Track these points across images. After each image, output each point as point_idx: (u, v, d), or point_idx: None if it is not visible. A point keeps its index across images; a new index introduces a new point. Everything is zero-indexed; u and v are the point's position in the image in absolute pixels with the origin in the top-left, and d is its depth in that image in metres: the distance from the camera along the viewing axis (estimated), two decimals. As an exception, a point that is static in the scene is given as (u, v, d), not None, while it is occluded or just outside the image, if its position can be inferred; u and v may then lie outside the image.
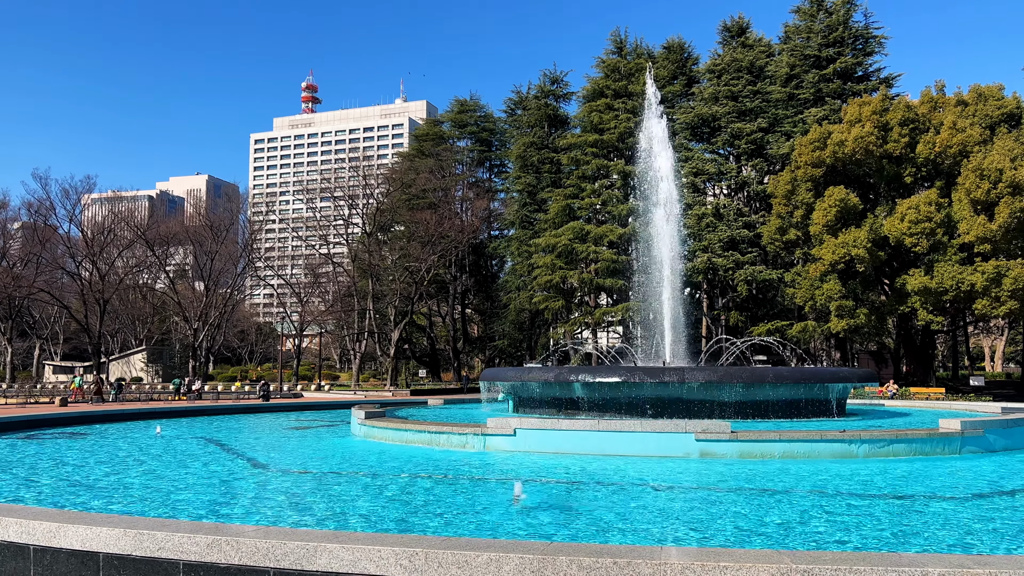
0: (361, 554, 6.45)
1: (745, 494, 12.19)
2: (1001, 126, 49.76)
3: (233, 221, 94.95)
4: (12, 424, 25.74)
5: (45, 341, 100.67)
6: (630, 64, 68.86)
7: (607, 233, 63.40)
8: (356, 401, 38.19)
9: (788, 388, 22.36)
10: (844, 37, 61.10)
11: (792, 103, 62.20)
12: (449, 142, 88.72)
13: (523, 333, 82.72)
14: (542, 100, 76.95)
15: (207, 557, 6.82)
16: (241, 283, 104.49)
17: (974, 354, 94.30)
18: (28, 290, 78.78)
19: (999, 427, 18.72)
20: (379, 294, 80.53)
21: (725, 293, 64.73)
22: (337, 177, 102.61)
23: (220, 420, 30.15)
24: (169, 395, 55.16)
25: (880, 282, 53.43)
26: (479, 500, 11.59)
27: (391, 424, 20.81)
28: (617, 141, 65.84)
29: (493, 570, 6.18)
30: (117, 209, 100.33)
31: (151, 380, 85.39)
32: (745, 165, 64.26)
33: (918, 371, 54.94)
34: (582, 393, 22.46)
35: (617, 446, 16.78)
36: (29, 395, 51.09)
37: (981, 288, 44.44)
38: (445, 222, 75.10)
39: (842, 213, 48.90)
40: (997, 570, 5.66)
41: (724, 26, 68.76)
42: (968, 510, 10.96)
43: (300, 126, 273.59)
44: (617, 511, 10.65)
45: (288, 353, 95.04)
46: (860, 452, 16.61)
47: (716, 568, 5.88)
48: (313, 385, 73.77)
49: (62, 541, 7.37)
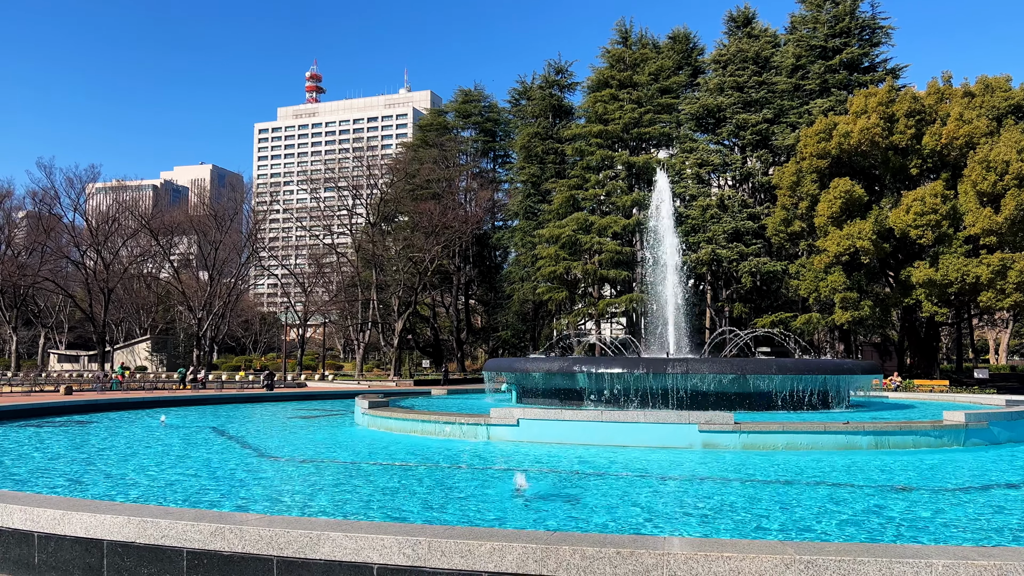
0: (364, 543, 6.45)
1: (748, 485, 12.19)
2: (1008, 117, 49.48)
3: (237, 211, 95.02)
4: (17, 412, 25.82)
5: (50, 330, 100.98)
6: (635, 54, 68.57)
7: (611, 224, 63.26)
8: (360, 391, 38.23)
9: (791, 380, 22.31)
10: (851, 28, 60.72)
11: (798, 94, 61.90)
12: (453, 132, 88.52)
13: (527, 324, 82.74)
14: (547, 90, 76.70)
15: (211, 545, 6.83)
16: (245, 273, 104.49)
17: (978, 347, 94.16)
18: (33, 279, 79.04)
19: (1003, 419, 18.69)
20: (383, 284, 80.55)
21: (729, 284, 64.62)
22: (341, 167, 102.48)
23: (224, 409, 30.22)
24: (174, 384, 55.32)
25: (885, 274, 53.29)
26: (482, 490, 11.60)
27: (394, 414, 20.85)
28: (622, 132, 65.59)
29: (496, 559, 6.17)
30: (121, 198, 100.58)
31: (155, 369, 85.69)
32: (750, 156, 64.03)
33: (922, 363, 54.86)
34: (585, 384, 22.45)
35: (620, 437, 16.78)
36: (34, 384, 51.30)
37: (986, 280, 44.29)
38: (449, 212, 75.01)
39: (847, 205, 48.72)
40: (1002, 561, 5.64)
41: (730, 16, 68.44)
42: (973, 502, 10.95)
43: (304, 116, 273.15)
44: (620, 501, 10.65)
45: (292, 343, 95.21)
46: (864, 444, 16.59)
47: (719, 558, 5.87)
48: (317, 375, 73.92)
49: (66, 528, 7.38)
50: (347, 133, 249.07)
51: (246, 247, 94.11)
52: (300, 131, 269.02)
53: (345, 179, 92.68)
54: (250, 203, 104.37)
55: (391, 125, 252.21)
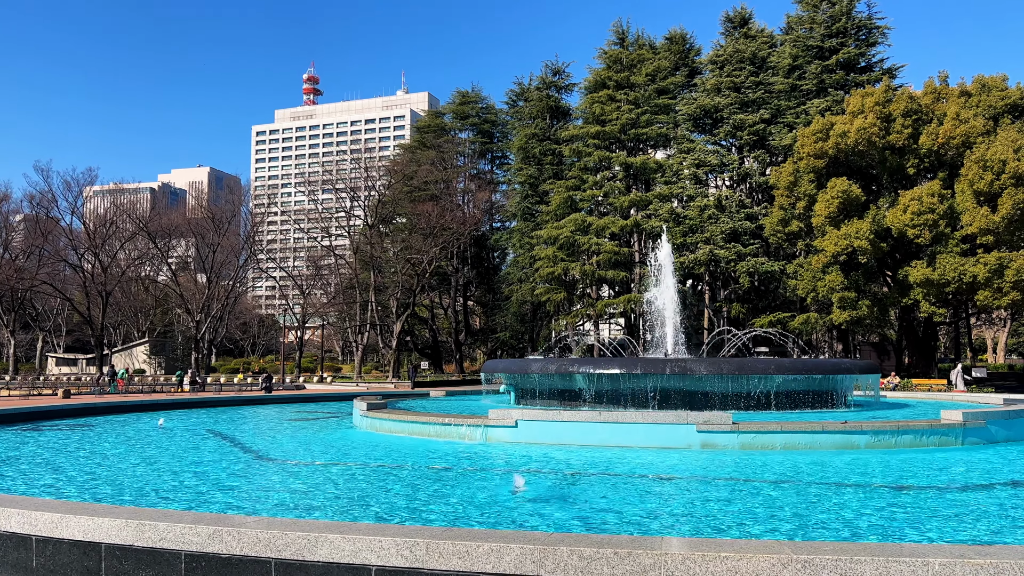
0: (362, 544, 6.46)
1: (746, 485, 12.20)
2: (1005, 117, 49.56)
3: (235, 213, 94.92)
4: (15, 416, 25.77)
5: (48, 333, 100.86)
6: (632, 55, 68.64)
7: (609, 225, 63.30)
8: (358, 393, 38.20)
9: (790, 380, 22.33)
10: (847, 27, 60.82)
11: (795, 94, 61.98)
12: (451, 134, 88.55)
13: (525, 325, 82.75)
14: (544, 91, 76.75)
15: (208, 547, 6.83)
16: (243, 275, 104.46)
17: (976, 346, 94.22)
18: (31, 282, 78.91)
19: (1001, 418, 18.71)
20: (381, 286, 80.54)
21: (727, 285, 64.67)
22: (339, 169, 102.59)
23: (222, 412, 30.18)
24: (172, 387, 55.27)
25: (882, 274, 53.34)
26: (480, 491, 11.60)
27: (393, 416, 20.84)
28: (619, 132, 65.64)
29: (494, 560, 6.18)
30: (119, 201, 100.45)
31: (154, 372, 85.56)
32: (747, 156, 64.10)
33: (920, 363, 54.90)
34: (584, 385, 22.45)
35: (619, 437, 16.78)
36: (32, 387, 51.22)
37: (983, 280, 44.36)
38: (447, 214, 75.03)
39: (844, 204, 48.76)
40: (999, 560, 5.65)
41: (727, 17, 68.55)
42: (970, 500, 10.96)
43: (302, 118, 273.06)
44: (618, 502, 10.66)
45: (290, 345, 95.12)
46: (862, 443, 16.61)
47: (717, 558, 5.88)
48: (315, 377, 73.88)
49: (64, 532, 7.38)
50: (345, 135, 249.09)
51: (244, 249, 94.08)
52: (298, 133, 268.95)
53: (343, 181, 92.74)
54: (248, 205, 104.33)
55: (388, 127, 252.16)
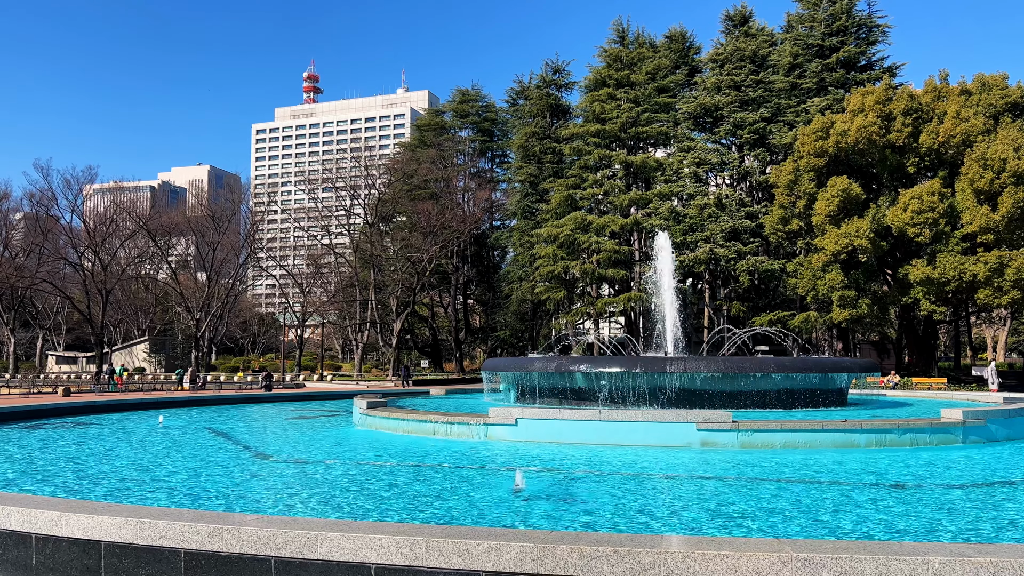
0: (362, 543, 6.46)
1: (746, 483, 12.20)
2: (1005, 115, 49.53)
3: (235, 211, 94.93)
4: (15, 414, 25.78)
5: (48, 331, 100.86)
6: (632, 54, 68.58)
7: (609, 223, 63.27)
8: (358, 391, 38.18)
9: (790, 378, 22.33)
10: (847, 26, 60.78)
11: (795, 93, 61.94)
12: (451, 132, 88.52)
13: (525, 324, 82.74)
14: (544, 90, 76.71)
15: (208, 546, 6.83)
16: (243, 273, 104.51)
17: (976, 344, 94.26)
18: (30, 280, 78.90)
19: (1001, 417, 18.70)
20: (381, 285, 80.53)
21: (727, 283, 64.66)
22: (339, 167, 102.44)
23: (223, 410, 30.18)
24: (172, 385, 55.26)
25: (882, 272, 53.32)
26: (480, 489, 11.60)
27: (393, 414, 20.83)
28: (619, 131, 65.59)
29: (494, 559, 6.18)
30: (119, 199, 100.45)
31: (154, 370, 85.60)
32: (748, 155, 64.07)
33: (920, 361, 54.89)
34: (584, 383, 22.45)
35: (618, 436, 16.78)
36: (32, 385, 51.23)
37: (983, 278, 44.34)
38: (447, 212, 75.01)
39: (845, 203, 48.75)
40: (998, 559, 5.65)
41: (727, 15, 68.49)
42: (970, 499, 10.96)
43: (302, 116, 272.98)
44: (618, 500, 10.66)
45: (290, 343, 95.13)
46: (862, 442, 16.61)
47: (716, 556, 5.88)
48: (315, 375, 73.86)
49: (63, 530, 7.38)
50: (345, 133, 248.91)
51: (244, 248, 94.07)
52: (298, 131, 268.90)
53: (343, 179, 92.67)
54: (248, 204, 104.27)
55: (389, 125, 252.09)
